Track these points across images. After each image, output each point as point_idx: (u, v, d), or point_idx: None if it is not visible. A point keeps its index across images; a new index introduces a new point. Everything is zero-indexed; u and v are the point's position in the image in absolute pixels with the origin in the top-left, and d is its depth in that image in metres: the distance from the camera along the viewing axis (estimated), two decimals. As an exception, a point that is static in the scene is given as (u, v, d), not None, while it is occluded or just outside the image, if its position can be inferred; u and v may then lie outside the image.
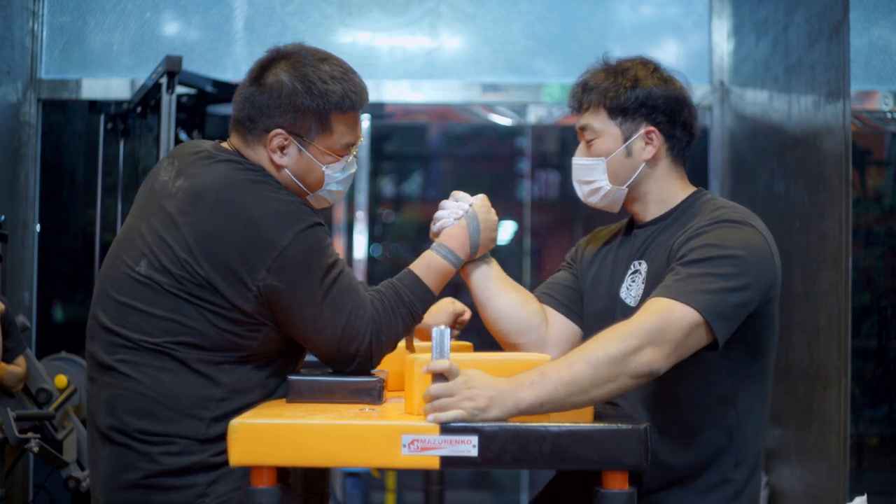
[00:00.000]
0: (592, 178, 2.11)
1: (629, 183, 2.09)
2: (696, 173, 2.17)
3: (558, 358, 1.79)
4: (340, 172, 2.09)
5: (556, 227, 5.33)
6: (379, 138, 5.07)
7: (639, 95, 2.06)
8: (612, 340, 1.76)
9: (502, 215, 2.31)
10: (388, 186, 5.56)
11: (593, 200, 2.14)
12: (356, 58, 4.71)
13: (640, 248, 2.09)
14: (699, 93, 4.61)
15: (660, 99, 2.07)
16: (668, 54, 4.74)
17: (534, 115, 4.77)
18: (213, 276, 1.91)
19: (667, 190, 2.11)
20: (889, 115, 4.20)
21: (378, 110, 4.72)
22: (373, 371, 2.05)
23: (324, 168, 2.06)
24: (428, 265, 2.10)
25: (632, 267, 2.08)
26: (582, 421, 1.76)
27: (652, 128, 2.07)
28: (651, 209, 2.12)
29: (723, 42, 4.62)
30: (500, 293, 2.20)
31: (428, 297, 2.09)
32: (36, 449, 3.43)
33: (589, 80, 2.12)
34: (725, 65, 4.60)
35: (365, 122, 4.77)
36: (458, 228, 2.14)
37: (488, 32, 4.71)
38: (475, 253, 2.16)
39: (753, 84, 4.22)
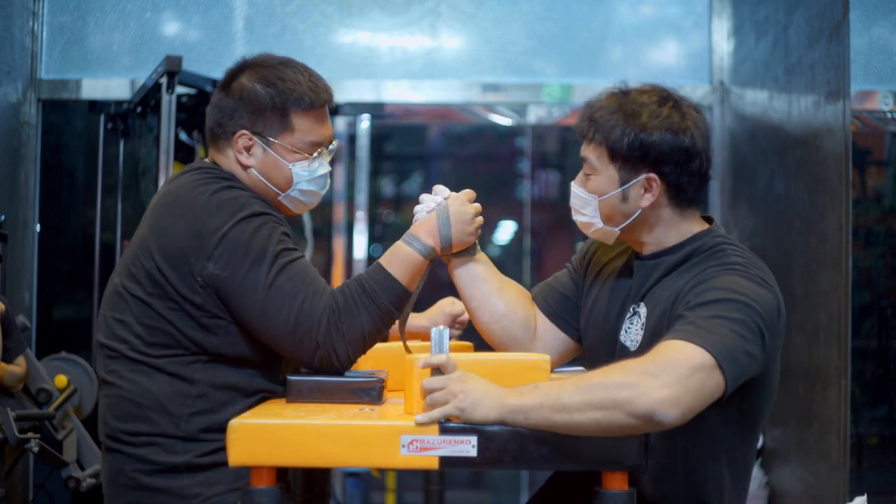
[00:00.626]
0: (585, 212, 2.03)
1: (622, 226, 2.01)
2: (696, 173, 2.15)
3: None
4: (308, 171, 2.10)
5: (556, 227, 5.32)
6: (379, 138, 5.06)
7: (644, 144, 1.93)
8: (613, 370, 1.70)
9: (502, 215, 2.31)
10: (388, 186, 5.56)
11: (584, 229, 2.08)
12: (356, 58, 4.72)
13: (639, 289, 2.01)
14: (699, 93, 4.61)
15: (667, 149, 1.94)
16: (668, 54, 4.74)
17: (534, 115, 4.77)
18: (164, 268, 1.97)
19: (668, 234, 2.01)
20: (889, 115, 4.19)
21: (378, 110, 4.72)
22: (373, 371, 2.05)
23: (290, 166, 2.08)
24: (393, 254, 2.08)
25: (630, 310, 2.02)
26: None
27: (653, 175, 1.95)
28: (649, 246, 2.03)
29: (723, 42, 4.62)
30: (486, 302, 2.15)
31: (393, 286, 2.03)
32: (36, 449, 3.42)
33: (596, 113, 1.99)
34: (725, 65, 4.60)
35: (365, 122, 4.77)
36: (427, 220, 2.11)
37: (488, 32, 4.71)
38: (448, 246, 2.09)
39: (753, 84, 4.22)
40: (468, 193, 2.15)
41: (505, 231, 5.39)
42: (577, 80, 4.62)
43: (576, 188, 2.06)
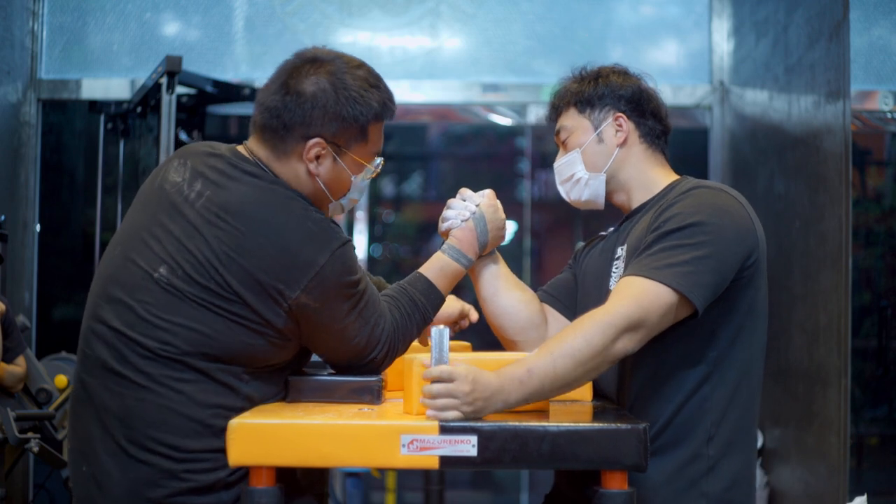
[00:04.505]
0: (571, 172, 2.19)
1: (606, 169, 2.16)
2: (697, 173, 2.17)
3: (541, 348, 1.80)
4: (363, 181, 2.07)
5: (556, 227, 5.32)
6: (379, 138, 5.06)
7: (608, 86, 2.18)
8: (593, 331, 1.79)
9: None
10: (388, 186, 5.56)
11: (575, 196, 2.20)
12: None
13: (624, 235, 2.13)
14: (699, 93, 4.61)
15: (623, 90, 2.17)
16: (668, 54, 4.74)
17: (534, 115, 4.77)
18: (244, 291, 1.87)
19: (647, 175, 2.16)
20: (889, 115, 4.19)
21: (378, 110, 4.71)
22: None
23: (352, 177, 2.04)
24: (441, 269, 2.14)
25: (616, 254, 2.12)
26: (581, 421, 1.76)
27: (620, 114, 2.16)
28: (635, 197, 2.17)
29: (723, 42, 4.62)
30: (504, 291, 2.25)
31: (439, 302, 2.13)
32: (36, 449, 3.42)
33: (559, 88, 2.26)
34: (725, 65, 4.60)
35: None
36: (467, 231, 2.17)
37: (488, 32, 4.71)
38: (483, 251, 2.21)
39: (753, 84, 4.22)
40: (493, 195, 2.24)
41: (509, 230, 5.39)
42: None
43: (557, 162, 2.23)
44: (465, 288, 2.83)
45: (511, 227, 5.31)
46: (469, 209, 2.19)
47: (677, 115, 4.73)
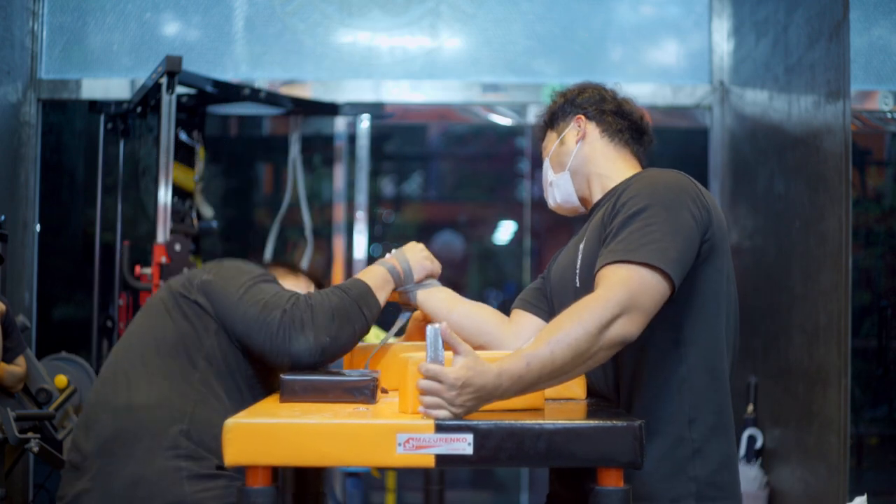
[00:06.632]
0: (545, 179, 2.35)
1: (569, 166, 2.26)
2: (697, 173, 2.17)
3: (537, 339, 1.81)
4: None
5: (556, 227, 5.32)
6: (379, 138, 5.06)
7: (565, 98, 2.33)
8: (586, 319, 1.79)
9: (502, 215, 2.39)
10: (388, 186, 5.55)
11: (550, 201, 2.34)
12: (356, 58, 4.72)
13: (583, 232, 2.20)
14: (699, 93, 4.61)
15: (579, 97, 2.31)
16: (668, 54, 4.74)
17: (534, 115, 4.76)
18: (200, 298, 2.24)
19: (609, 168, 2.24)
20: (889, 115, 4.19)
21: (378, 110, 4.72)
22: (367, 370, 2.05)
23: None
24: (365, 268, 2.38)
25: (578, 251, 2.16)
26: (576, 418, 1.76)
27: (579, 115, 2.28)
28: (596, 191, 2.24)
29: (723, 42, 4.62)
30: (451, 309, 2.39)
31: (358, 283, 2.29)
32: (36, 449, 3.42)
33: (538, 120, 2.42)
34: (725, 65, 4.60)
35: (365, 122, 4.77)
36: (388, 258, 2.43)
37: (488, 32, 4.71)
38: (410, 274, 2.38)
39: (753, 84, 4.22)
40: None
41: (505, 231, 5.39)
42: (577, 80, 4.56)
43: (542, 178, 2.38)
44: (465, 289, 2.85)
45: (510, 228, 5.31)
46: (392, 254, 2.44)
47: (677, 115, 4.74)
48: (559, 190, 2.30)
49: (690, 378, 1.99)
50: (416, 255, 2.41)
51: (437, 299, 2.40)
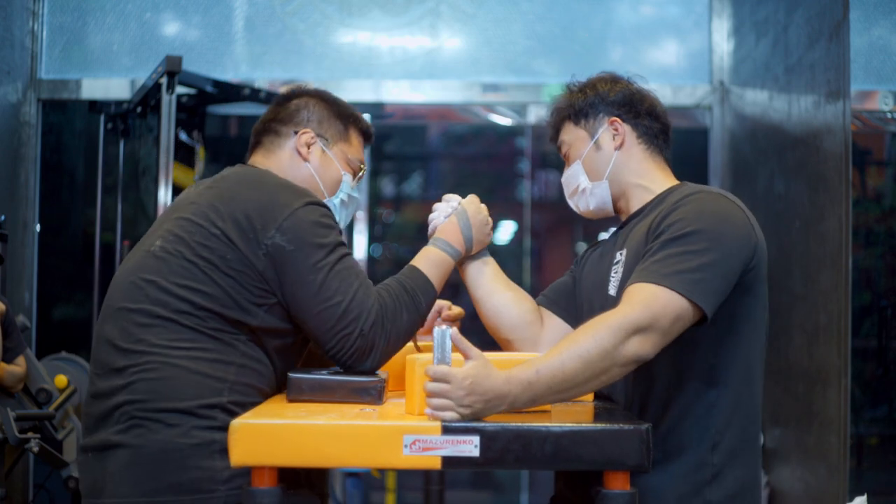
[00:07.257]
0: (576, 183, 2.23)
1: (608, 174, 2.18)
2: (697, 173, 2.19)
3: (551, 350, 1.80)
4: (349, 188, 2.28)
5: (556, 227, 5.32)
6: (379, 138, 5.05)
7: (597, 95, 2.20)
8: (602, 333, 1.78)
9: (502, 215, 2.36)
10: (388, 186, 5.56)
11: (583, 207, 2.25)
12: (356, 58, 4.72)
13: (622, 240, 2.14)
14: (699, 93, 4.61)
15: (613, 95, 2.20)
16: (668, 54, 4.74)
17: (534, 115, 4.77)
18: (229, 230, 1.98)
19: (647, 177, 2.18)
20: (889, 115, 4.20)
21: (378, 110, 4.72)
22: (376, 371, 2.04)
23: (342, 173, 2.26)
24: (427, 258, 2.19)
25: (615, 258, 2.12)
26: (583, 421, 1.76)
27: (614, 118, 2.18)
28: (634, 200, 2.18)
29: (723, 42, 4.62)
30: (495, 290, 2.30)
31: (429, 289, 2.14)
32: (36, 449, 3.42)
33: (554, 111, 2.28)
34: (725, 65, 4.60)
35: (365, 122, 4.77)
36: (450, 223, 2.26)
37: (488, 32, 4.71)
38: (470, 248, 2.27)
39: (753, 84, 4.22)
40: (476, 197, 2.32)
41: (505, 231, 5.39)
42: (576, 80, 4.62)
43: (564, 176, 2.28)
44: (464, 289, 2.84)
45: (510, 228, 5.31)
46: (452, 206, 2.30)
47: (677, 115, 4.73)
48: (595, 198, 2.21)
49: (720, 403, 1.98)
50: (479, 224, 2.27)
51: (485, 277, 2.31)
